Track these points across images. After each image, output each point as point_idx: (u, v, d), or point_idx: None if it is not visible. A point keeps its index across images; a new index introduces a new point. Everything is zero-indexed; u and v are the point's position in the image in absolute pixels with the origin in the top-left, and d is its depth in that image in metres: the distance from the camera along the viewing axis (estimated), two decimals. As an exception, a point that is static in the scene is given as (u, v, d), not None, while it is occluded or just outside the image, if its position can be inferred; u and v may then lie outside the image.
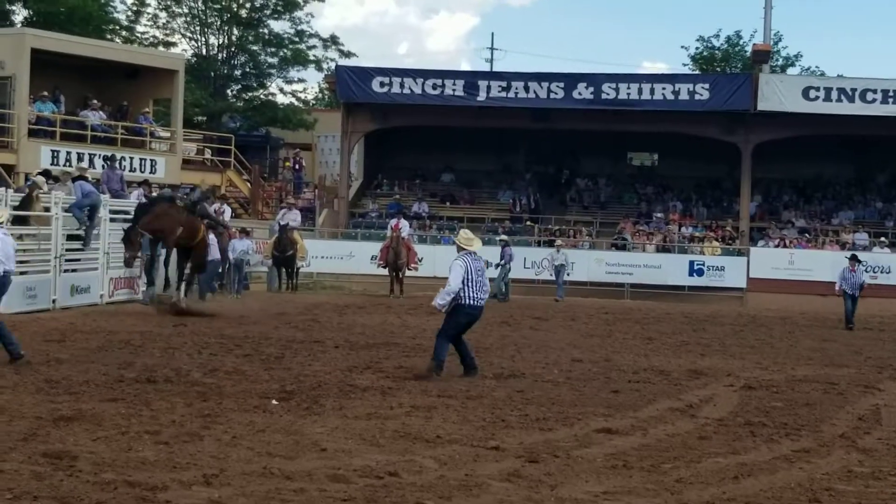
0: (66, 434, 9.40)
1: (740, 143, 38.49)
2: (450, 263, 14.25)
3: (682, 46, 73.00)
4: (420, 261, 31.25)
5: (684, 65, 58.62)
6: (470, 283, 13.91)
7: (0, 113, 32.76)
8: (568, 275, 34.00)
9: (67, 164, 32.08)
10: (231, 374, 13.44)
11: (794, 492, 8.43)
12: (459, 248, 14.34)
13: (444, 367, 13.92)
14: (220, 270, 27.75)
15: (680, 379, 14.81)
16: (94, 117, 35.11)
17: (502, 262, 32.35)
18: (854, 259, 27.34)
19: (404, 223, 32.34)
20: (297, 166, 44.97)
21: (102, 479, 7.80)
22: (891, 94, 36.40)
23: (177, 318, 20.47)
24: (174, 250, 23.11)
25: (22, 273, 21.28)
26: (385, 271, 31.52)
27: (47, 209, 22.48)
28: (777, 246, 37.01)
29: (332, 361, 15.20)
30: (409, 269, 31.18)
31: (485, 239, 35.31)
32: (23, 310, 20.42)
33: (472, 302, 13.98)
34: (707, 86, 37.94)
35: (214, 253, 25.48)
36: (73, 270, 22.96)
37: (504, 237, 34.17)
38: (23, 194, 22.82)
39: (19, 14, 47.68)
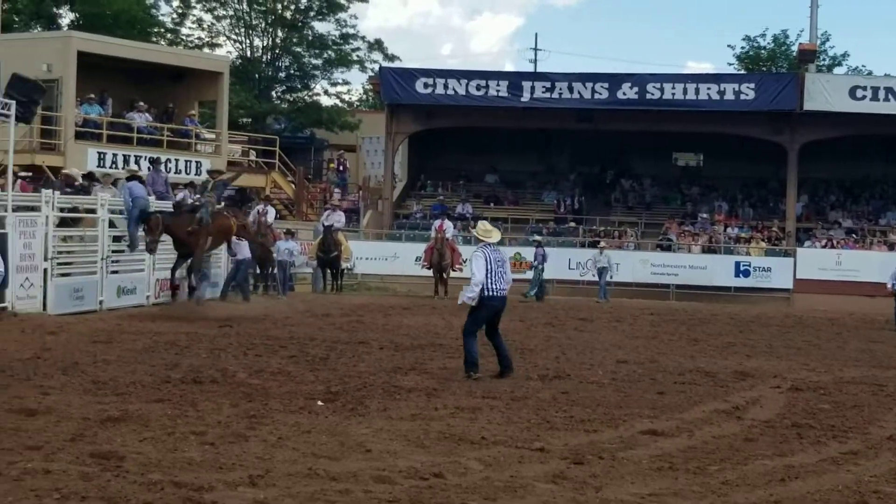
0: (114, 435, 9.45)
1: (786, 143, 38.25)
2: (469, 256, 14.35)
3: (728, 46, 72.51)
4: (464, 262, 31.16)
5: (730, 64, 58.24)
6: (490, 275, 13.94)
7: (47, 115, 32.97)
8: (611, 277, 33.87)
9: (113, 166, 32.34)
10: (276, 375, 13.48)
11: (841, 494, 8.35)
12: (478, 240, 14.37)
13: (480, 366, 13.92)
14: (250, 271, 27.70)
15: (726, 380, 14.70)
16: (140, 119, 35.34)
17: (535, 263, 32.34)
18: (905, 256, 27.14)
19: (448, 224, 32.40)
20: (341, 168, 45.02)
21: (149, 480, 7.84)
22: (939, 93, 36.07)
23: (195, 321, 20.32)
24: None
25: (68, 274, 21.56)
26: (429, 272, 31.61)
27: (93, 211, 22.68)
28: (824, 246, 36.71)
29: (377, 362, 15.22)
30: (453, 270, 31.18)
31: (527, 240, 35.44)
32: (70, 311, 20.67)
33: (492, 293, 13.99)
34: (753, 85, 37.73)
35: (245, 252, 25.53)
36: (115, 272, 23.03)
37: (538, 237, 34.12)
38: (66, 194, 22.98)
39: (66, 17, 48.15)
